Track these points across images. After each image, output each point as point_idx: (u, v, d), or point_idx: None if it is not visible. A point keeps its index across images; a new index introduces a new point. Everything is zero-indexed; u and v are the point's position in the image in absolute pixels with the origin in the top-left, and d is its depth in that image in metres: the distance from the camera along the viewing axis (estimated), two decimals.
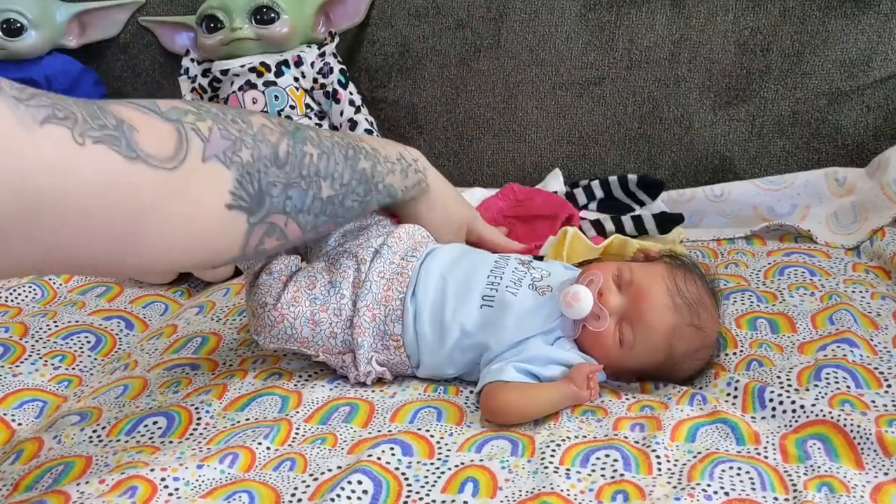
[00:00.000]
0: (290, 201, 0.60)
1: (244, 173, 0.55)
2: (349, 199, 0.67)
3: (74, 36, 1.33)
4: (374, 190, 0.71)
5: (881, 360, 0.74)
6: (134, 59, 1.38)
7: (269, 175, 0.57)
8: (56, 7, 1.30)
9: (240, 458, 0.65)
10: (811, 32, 1.18)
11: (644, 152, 1.25)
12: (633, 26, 1.22)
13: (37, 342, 0.90)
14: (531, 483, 0.60)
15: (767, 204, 1.14)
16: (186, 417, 0.72)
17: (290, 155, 0.59)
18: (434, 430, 0.68)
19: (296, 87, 1.21)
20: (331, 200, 0.65)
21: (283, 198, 0.59)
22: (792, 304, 0.87)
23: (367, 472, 0.61)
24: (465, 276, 0.77)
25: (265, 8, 1.18)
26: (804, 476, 0.59)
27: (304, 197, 0.61)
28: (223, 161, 0.53)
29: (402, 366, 0.77)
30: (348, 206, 0.67)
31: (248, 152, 0.55)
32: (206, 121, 0.53)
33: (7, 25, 1.23)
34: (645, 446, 0.64)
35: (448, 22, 1.28)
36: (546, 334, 0.74)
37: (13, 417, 0.78)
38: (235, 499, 0.60)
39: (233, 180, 0.54)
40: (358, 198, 0.68)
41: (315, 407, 0.73)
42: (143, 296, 1.06)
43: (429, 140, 1.32)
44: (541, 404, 0.70)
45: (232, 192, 0.54)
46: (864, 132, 1.19)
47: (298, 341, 0.76)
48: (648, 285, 0.74)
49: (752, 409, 0.68)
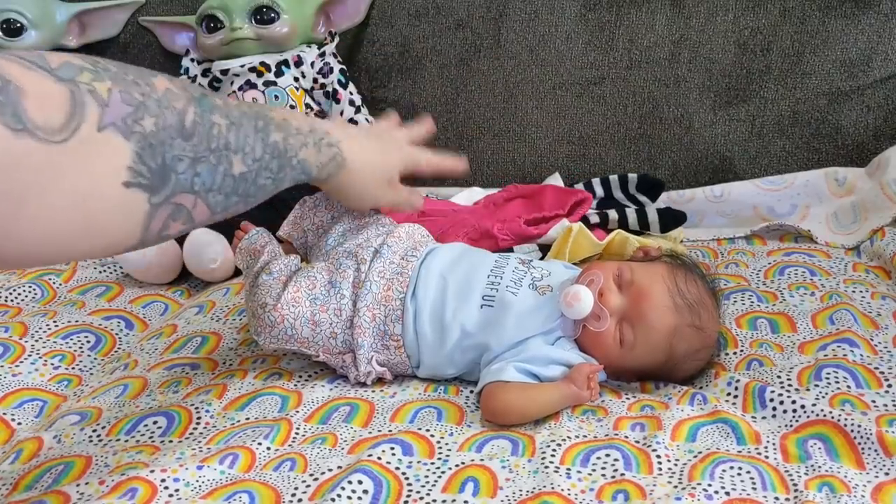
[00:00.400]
0: (198, 178, 0.52)
1: (145, 145, 0.47)
2: (262, 177, 0.59)
3: (74, 36, 1.33)
4: (288, 166, 0.63)
5: (881, 360, 0.74)
6: (134, 59, 1.36)
7: (174, 148, 0.49)
8: (56, 7, 1.30)
9: (240, 459, 0.65)
10: (811, 32, 1.18)
11: (644, 152, 1.25)
12: (633, 26, 1.22)
13: (37, 342, 0.90)
14: (531, 483, 0.60)
15: (767, 204, 1.14)
16: (186, 417, 0.72)
17: (198, 125, 0.51)
18: (434, 430, 0.68)
19: (296, 87, 1.21)
20: (243, 178, 0.57)
21: (190, 174, 0.51)
22: (792, 303, 0.87)
23: (367, 472, 0.61)
24: (465, 276, 0.77)
25: (265, 8, 1.18)
26: (805, 476, 0.59)
27: (213, 173, 0.53)
28: (122, 130, 0.46)
29: (402, 366, 0.77)
30: (261, 184, 0.60)
31: (152, 121, 0.48)
32: (104, 81, 0.46)
33: (7, 25, 1.23)
34: (645, 446, 0.64)
35: (448, 22, 1.28)
36: (546, 334, 0.74)
37: (13, 417, 0.78)
38: (236, 499, 0.59)
39: (132, 153, 0.46)
40: (271, 175, 0.61)
41: (315, 407, 0.73)
42: (143, 295, 1.06)
43: (429, 140, 1.32)
44: (541, 404, 0.70)
45: (130, 168, 0.46)
46: (864, 132, 1.19)
47: (298, 341, 0.76)
48: (649, 285, 0.74)
49: (752, 408, 0.68)
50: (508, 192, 1.11)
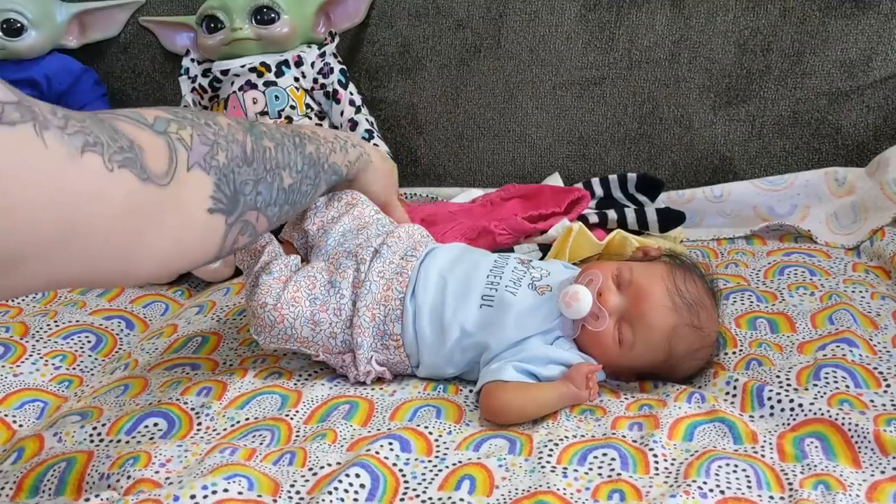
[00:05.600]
0: (259, 196, 0.61)
1: (221, 176, 0.56)
2: (304, 185, 0.70)
3: (74, 36, 1.33)
4: (322, 171, 0.73)
5: (880, 360, 0.74)
6: (134, 59, 1.38)
7: (241, 174, 0.59)
8: (56, 7, 1.30)
9: (239, 451, 0.65)
10: (811, 32, 1.18)
11: (644, 152, 1.25)
12: (633, 26, 1.22)
13: (37, 342, 0.91)
14: (528, 482, 0.60)
15: (767, 204, 1.14)
16: (187, 422, 0.72)
17: (255, 151, 0.61)
18: (433, 428, 0.68)
19: (296, 87, 1.21)
20: (291, 189, 0.67)
21: (254, 194, 0.60)
22: (792, 303, 0.87)
23: (365, 466, 0.61)
24: (464, 276, 0.77)
25: (265, 8, 1.18)
26: (801, 475, 0.59)
27: (270, 190, 0.63)
28: (203, 167, 0.55)
29: (401, 365, 0.77)
30: (304, 190, 0.70)
31: (223, 154, 0.57)
32: (186, 128, 0.54)
33: (7, 25, 1.23)
34: (643, 445, 0.64)
35: (448, 22, 1.28)
36: (545, 334, 0.74)
37: (14, 418, 0.78)
38: (235, 481, 0.59)
39: (212, 185, 0.55)
40: (311, 181, 0.71)
41: (315, 405, 0.73)
42: (143, 295, 1.06)
43: (429, 140, 1.32)
44: (540, 404, 0.70)
45: (212, 197, 0.55)
46: (864, 132, 1.19)
47: (298, 341, 0.76)
48: (648, 285, 0.74)
49: (750, 408, 0.68)
50: (506, 191, 1.11)
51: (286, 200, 0.66)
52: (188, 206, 0.53)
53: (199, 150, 0.54)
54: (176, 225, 0.52)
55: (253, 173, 0.60)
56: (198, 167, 0.54)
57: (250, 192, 0.60)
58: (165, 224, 0.51)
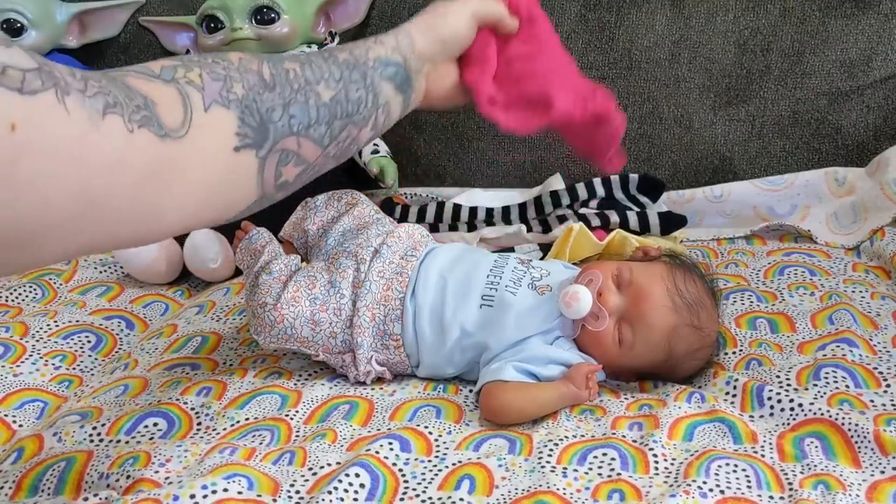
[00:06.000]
0: (294, 119, 0.57)
1: (243, 108, 0.53)
2: (352, 91, 0.63)
3: (74, 36, 1.33)
4: (369, 69, 0.65)
5: (880, 360, 0.74)
6: (134, 59, 1.37)
7: (264, 101, 0.55)
8: (56, 7, 1.30)
9: (239, 451, 0.65)
10: (811, 32, 1.18)
11: (644, 152, 1.25)
12: (633, 26, 1.22)
13: (37, 342, 0.91)
14: (527, 481, 0.60)
15: (767, 204, 1.14)
16: (187, 422, 0.72)
17: (275, 76, 0.57)
18: (433, 428, 0.68)
19: None
20: (335, 101, 0.61)
21: (286, 119, 0.56)
22: (792, 303, 0.87)
23: (365, 466, 0.61)
24: (464, 276, 0.77)
25: (265, 8, 1.18)
26: (800, 474, 0.59)
27: (306, 109, 0.58)
28: (222, 103, 0.52)
29: (401, 365, 0.77)
30: (355, 97, 0.63)
31: (239, 86, 0.53)
32: (194, 70, 0.52)
33: (7, 25, 1.23)
34: (643, 445, 0.64)
35: None
36: (545, 334, 0.74)
37: (14, 418, 0.78)
38: (235, 481, 0.59)
39: (236, 119, 0.52)
40: (360, 84, 0.64)
41: (315, 405, 0.73)
42: (143, 295, 1.06)
43: (429, 140, 1.32)
44: (540, 404, 0.70)
45: (237, 133, 0.52)
46: (864, 132, 1.19)
47: (298, 341, 0.76)
48: (648, 285, 0.74)
49: (750, 407, 0.68)
50: None
51: (333, 115, 0.60)
52: (209, 152, 0.50)
53: (212, 88, 0.51)
54: (198, 176, 0.50)
55: (279, 97, 0.56)
56: (216, 104, 0.51)
57: (280, 117, 0.55)
58: (186, 177, 0.49)
